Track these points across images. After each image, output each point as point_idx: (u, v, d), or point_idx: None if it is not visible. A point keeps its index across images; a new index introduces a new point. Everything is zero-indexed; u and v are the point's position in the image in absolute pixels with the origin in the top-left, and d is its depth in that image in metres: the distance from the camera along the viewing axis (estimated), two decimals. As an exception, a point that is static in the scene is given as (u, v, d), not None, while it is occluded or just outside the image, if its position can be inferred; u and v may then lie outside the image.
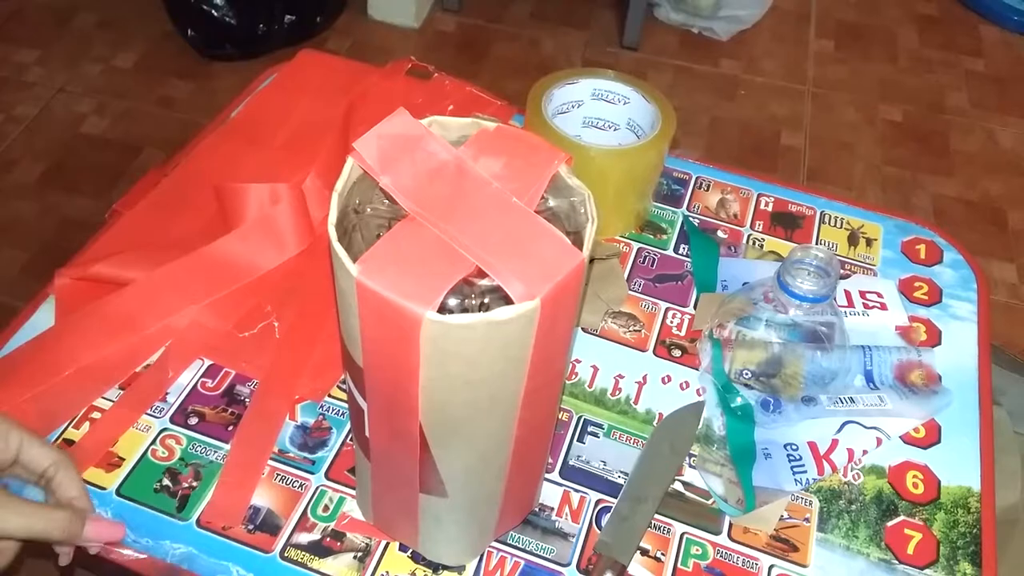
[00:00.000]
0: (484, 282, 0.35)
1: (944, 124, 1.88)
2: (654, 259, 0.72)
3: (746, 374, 0.61)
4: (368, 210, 0.38)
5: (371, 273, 0.34)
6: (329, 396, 0.61)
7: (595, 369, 0.64)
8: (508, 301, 0.34)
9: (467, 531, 0.51)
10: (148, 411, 0.59)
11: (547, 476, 0.58)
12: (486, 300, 0.35)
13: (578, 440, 0.60)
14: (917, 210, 1.68)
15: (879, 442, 0.60)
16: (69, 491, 0.50)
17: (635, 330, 0.67)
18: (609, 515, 0.56)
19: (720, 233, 0.74)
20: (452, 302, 0.35)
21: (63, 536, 0.48)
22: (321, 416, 0.60)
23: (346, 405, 0.61)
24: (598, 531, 0.55)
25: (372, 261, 0.34)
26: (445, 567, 0.53)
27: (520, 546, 0.55)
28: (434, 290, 0.33)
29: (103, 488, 0.56)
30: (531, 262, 0.34)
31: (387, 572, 0.53)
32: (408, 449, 0.42)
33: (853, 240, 0.75)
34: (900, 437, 0.61)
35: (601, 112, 0.74)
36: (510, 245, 0.35)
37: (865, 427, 0.61)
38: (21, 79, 1.85)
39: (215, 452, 0.58)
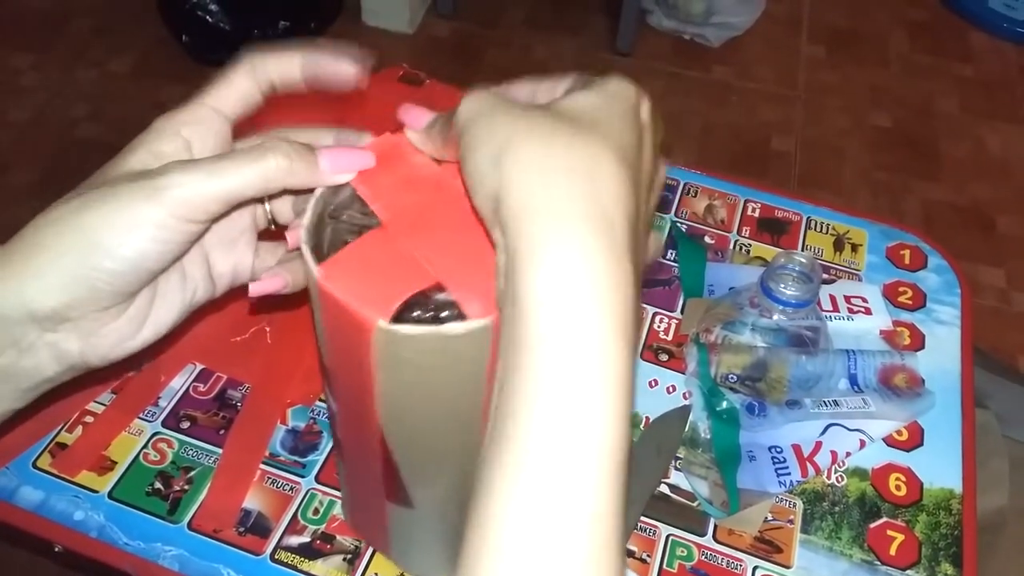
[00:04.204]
0: (442, 296, 0.35)
1: (934, 129, 1.90)
2: (642, 264, 0.73)
3: (731, 378, 0.62)
4: (344, 217, 0.39)
5: (332, 278, 0.34)
6: (320, 400, 0.62)
7: (583, 373, 0.65)
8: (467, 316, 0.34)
9: (439, 543, 0.50)
10: (140, 415, 0.60)
11: (535, 479, 0.59)
12: (444, 314, 0.36)
13: (566, 443, 0.61)
14: (907, 215, 1.69)
15: (862, 444, 0.61)
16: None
17: (623, 334, 0.68)
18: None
19: (707, 239, 0.75)
20: (416, 313, 0.36)
21: (289, 167, 0.37)
22: (312, 420, 0.61)
23: (336, 409, 0.61)
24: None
25: (335, 266, 0.35)
26: None
27: (508, 548, 0.55)
28: (390, 299, 0.34)
29: (95, 491, 0.56)
30: (493, 281, 0.34)
31: (376, 574, 0.54)
32: (371, 455, 0.42)
33: (839, 245, 0.76)
34: (883, 439, 0.62)
35: (590, 119, 0.75)
36: (475, 262, 0.35)
37: (848, 429, 0.62)
38: (16, 84, 1.85)
39: (207, 456, 0.58)
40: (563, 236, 0.28)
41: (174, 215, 0.35)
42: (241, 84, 0.39)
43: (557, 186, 0.29)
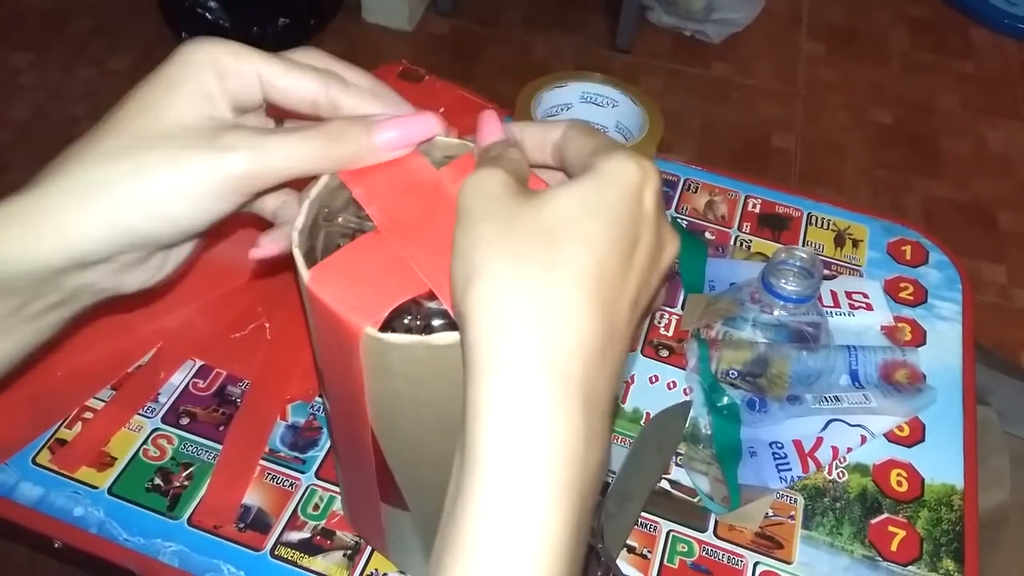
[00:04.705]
0: (433, 304, 0.35)
1: (935, 126, 1.89)
2: (642, 260, 0.72)
3: (732, 374, 0.62)
4: (340, 220, 0.38)
5: (321, 282, 0.34)
6: (319, 396, 0.62)
7: (583, 369, 0.65)
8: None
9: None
10: (140, 411, 0.60)
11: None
12: (434, 323, 0.35)
13: (566, 439, 0.60)
14: (908, 212, 1.69)
15: (863, 440, 0.61)
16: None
17: (623, 330, 0.67)
18: (596, 513, 0.56)
19: (708, 234, 0.75)
20: (406, 320, 0.35)
21: (350, 152, 0.36)
22: (311, 416, 0.61)
23: (336, 405, 0.61)
24: (585, 529, 0.56)
25: (325, 270, 0.34)
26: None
27: (508, 544, 0.55)
28: (378, 306, 0.33)
29: (95, 487, 0.56)
30: None
31: (376, 570, 0.54)
32: (364, 457, 0.42)
33: (839, 241, 0.76)
34: (884, 435, 0.62)
35: (590, 115, 0.75)
36: None
37: (850, 425, 0.62)
38: (15, 83, 1.85)
39: (207, 452, 0.58)
40: (510, 386, 0.28)
41: (235, 189, 0.35)
42: (306, 86, 0.37)
43: (511, 329, 0.28)
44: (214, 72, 0.36)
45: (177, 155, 0.34)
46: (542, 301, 0.28)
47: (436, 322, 0.35)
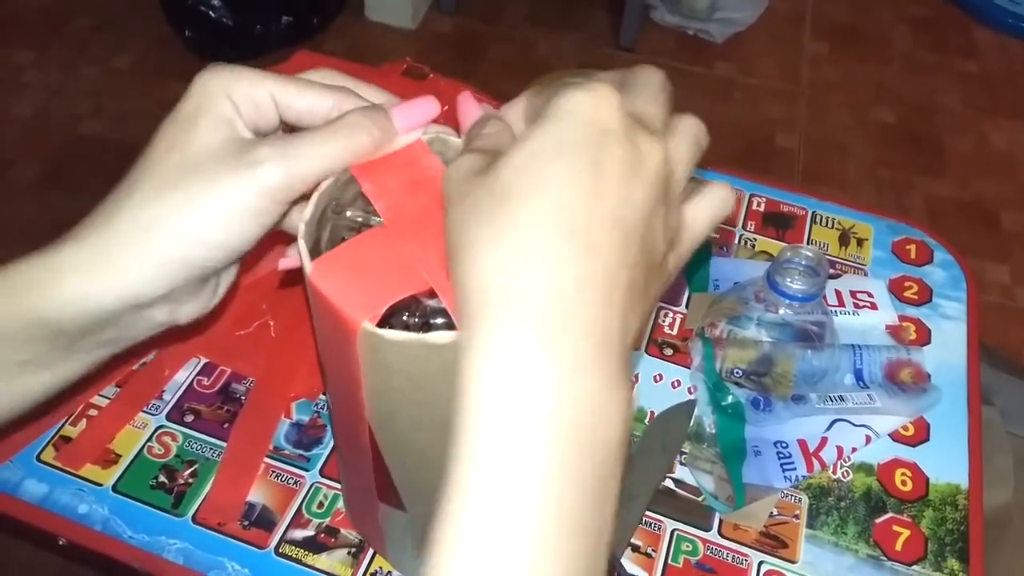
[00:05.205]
0: (433, 302, 0.35)
1: (937, 126, 1.89)
2: (647, 259, 0.72)
3: (737, 373, 0.62)
4: (348, 213, 0.38)
5: (323, 274, 0.34)
6: (323, 395, 0.62)
7: (588, 368, 0.64)
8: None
9: None
10: (144, 408, 0.60)
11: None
12: (433, 321, 0.35)
13: (570, 438, 0.60)
14: (911, 211, 1.69)
15: (868, 440, 0.61)
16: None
17: (627, 329, 0.67)
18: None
19: (712, 233, 0.75)
20: (404, 317, 0.35)
21: (372, 139, 0.37)
22: (316, 414, 0.61)
23: (341, 403, 0.61)
24: (590, 527, 0.56)
25: (327, 262, 0.34)
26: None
27: (513, 542, 0.55)
28: (378, 301, 0.33)
29: (100, 484, 0.56)
30: None
31: (380, 568, 0.54)
32: (362, 454, 0.42)
33: (844, 240, 0.76)
34: (889, 435, 0.62)
35: (594, 113, 0.74)
36: None
37: (854, 425, 0.61)
38: (18, 81, 1.85)
39: (211, 449, 0.58)
40: (487, 341, 0.29)
41: (273, 200, 0.36)
42: (320, 104, 0.38)
43: (483, 291, 0.29)
44: (229, 100, 0.37)
45: (211, 181, 0.35)
46: (507, 258, 0.29)
47: (436, 320, 0.35)
